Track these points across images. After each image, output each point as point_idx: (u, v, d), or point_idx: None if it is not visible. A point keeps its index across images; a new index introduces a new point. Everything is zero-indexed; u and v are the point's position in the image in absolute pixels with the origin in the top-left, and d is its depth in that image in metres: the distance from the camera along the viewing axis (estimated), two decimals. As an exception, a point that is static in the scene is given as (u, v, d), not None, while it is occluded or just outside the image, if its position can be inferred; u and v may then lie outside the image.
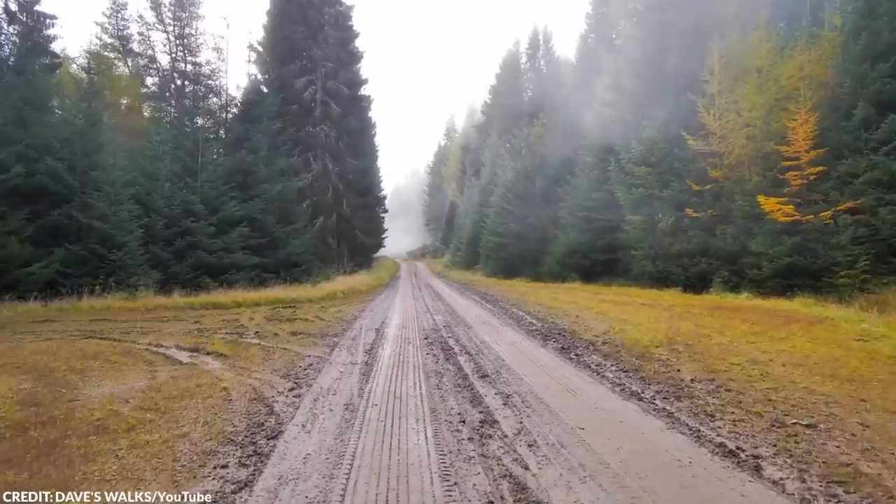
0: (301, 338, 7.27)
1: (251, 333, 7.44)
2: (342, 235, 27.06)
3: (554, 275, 22.41)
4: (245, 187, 19.50)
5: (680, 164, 17.38)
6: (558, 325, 8.24)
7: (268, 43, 27.05)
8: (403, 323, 9.03)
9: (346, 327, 8.51)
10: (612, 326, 7.87)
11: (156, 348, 6.18)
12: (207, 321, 8.98)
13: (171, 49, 25.56)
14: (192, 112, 19.30)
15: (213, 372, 4.94)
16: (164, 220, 15.99)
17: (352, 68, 28.70)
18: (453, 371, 5.36)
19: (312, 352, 6.29)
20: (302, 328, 8.16)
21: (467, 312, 10.36)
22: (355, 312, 10.59)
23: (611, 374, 5.11)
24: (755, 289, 13.83)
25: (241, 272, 17.15)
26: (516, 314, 9.96)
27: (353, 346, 6.72)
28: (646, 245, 17.66)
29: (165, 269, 15.66)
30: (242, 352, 6.12)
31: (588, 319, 8.82)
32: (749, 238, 14.60)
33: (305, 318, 9.51)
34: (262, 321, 8.95)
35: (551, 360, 5.82)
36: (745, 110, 16.18)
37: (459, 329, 8.22)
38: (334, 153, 26.44)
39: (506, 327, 8.46)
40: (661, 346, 6.11)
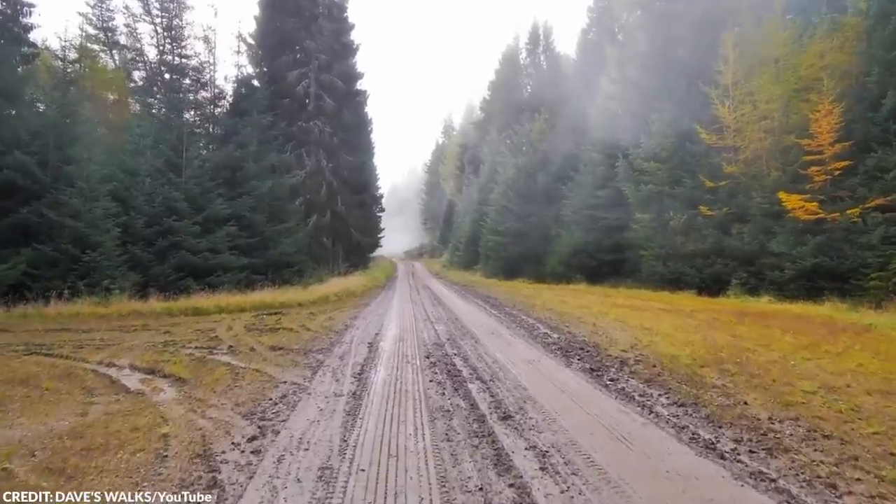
0: (280, 354, 6.26)
1: (224, 348, 6.47)
2: (337, 234, 26.05)
3: (557, 275, 21.49)
4: (233, 184, 18.49)
5: (692, 160, 16.49)
6: (576, 336, 7.28)
7: (259, 35, 25.99)
8: (400, 335, 7.92)
9: (335, 340, 7.45)
10: (637, 338, 6.94)
11: (106, 368, 5.22)
12: (180, 331, 8.01)
13: (159, 41, 24.53)
14: (177, 105, 18.25)
15: (161, 406, 3.97)
16: (145, 218, 14.95)
17: (347, 61, 27.68)
18: (465, 408, 4.19)
19: (290, 375, 5.23)
20: (284, 341, 7.16)
21: (471, 320, 9.41)
22: (347, 320, 9.62)
23: (663, 409, 4.09)
24: (776, 292, 12.96)
25: (228, 274, 16.14)
26: (526, 322, 9.00)
27: (340, 369, 5.63)
28: (656, 245, 16.76)
29: (145, 271, 14.64)
30: (206, 375, 5.12)
31: (607, 328, 7.89)
32: (768, 237, 13.72)
33: (290, 327, 8.52)
34: (240, 331, 7.97)
35: (583, 388, 4.75)
36: (761, 102, 15.31)
37: (465, 343, 7.15)
38: (328, 149, 25.42)
39: (517, 339, 7.47)
40: (707, 365, 5.18)
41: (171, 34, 23.44)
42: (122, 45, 25.88)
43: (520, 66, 43.67)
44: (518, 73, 43.27)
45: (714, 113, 16.15)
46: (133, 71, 26.16)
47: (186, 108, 18.63)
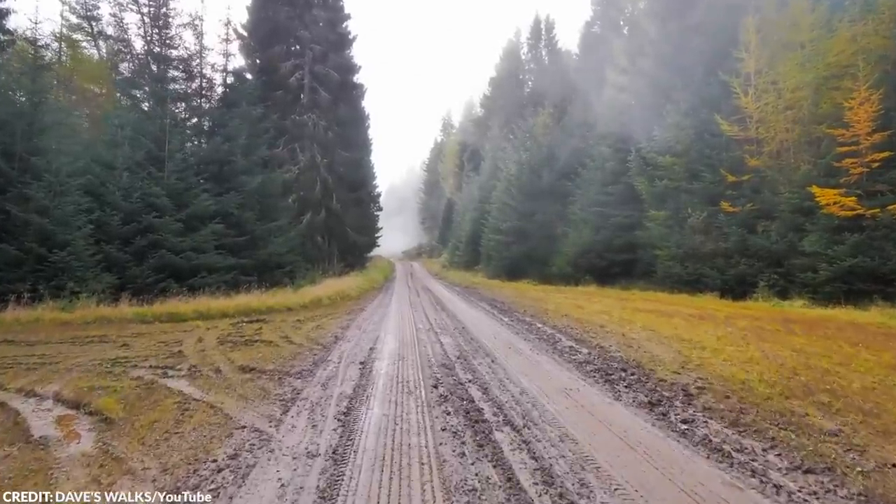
0: (250, 379, 5.05)
1: (185, 367, 5.32)
2: (332, 234, 24.87)
3: (565, 276, 20.39)
4: (220, 179, 17.33)
5: (711, 153, 15.41)
6: (608, 350, 6.15)
7: (251, 25, 24.81)
8: (400, 350, 6.63)
9: (321, 358, 6.15)
10: (682, 353, 5.84)
11: (21, 399, 4.05)
12: (141, 344, 6.85)
13: (146, 32, 23.37)
14: (160, 94, 17.05)
15: (59, 469, 2.83)
16: (121, 214, 13.76)
17: (342, 53, 26.49)
18: (499, 483, 2.83)
19: (253, 415, 3.95)
20: (259, 359, 5.95)
21: (481, 329, 8.25)
22: (338, 330, 8.43)
23: (787, 480, 2.81)
24: (809, 295, 11.89)
25: (213, 275, 14.97)
26: (543, 331, 7.87)
27: (321, 404, 4.30)
28: (672, 244, 15.66)
29: (121, 272, 13.44)
30: (144, 412, 3.94)
31: (640, 340, 6.78)
32: (799, 235, 12.65)
33: (270, 339, 7.27)
34: (211, 344, 6.81)
35: (653, 438, 3.46)
36: (787, 90, 14.25)
37: (480, 362, 5.83)
38: (323, 144, 24.24)
39: (540, 355, 6.20)
40: (793, 394, 4.08)
41: (158, 23, 22.30)
42: (109, 36, 24.78)
43: (521, 60, 42.71)
44: (519, 69, 42.28)
45: (734, 103, 15.09)
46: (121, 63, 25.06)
47: (171, 98, 17.41)
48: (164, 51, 20.15)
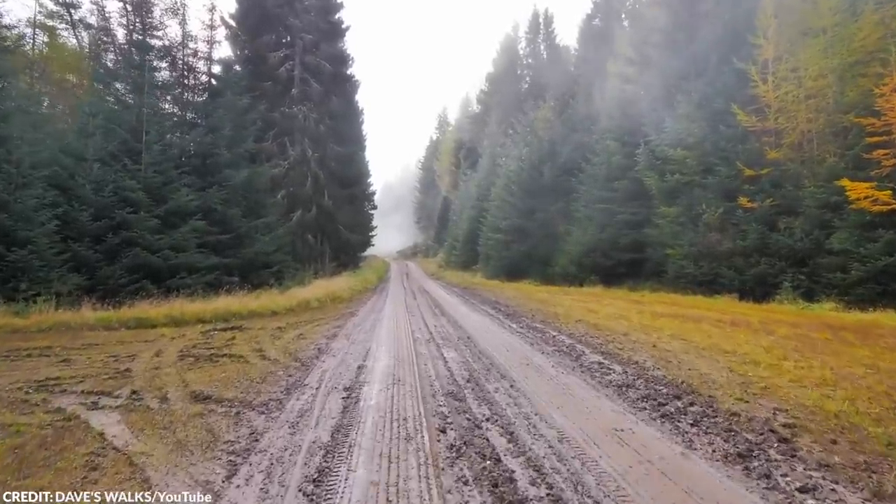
0: (199, 413, 3.88)
1: (124, 395, 4.20)
2: (324, 232, 23.77)
3: (568, 277, 19.43)
4: (203, 173, 16.22)
5: (727, 145, 14.49)
6: (646, 368, 5.09)
7: (239, 14, 23.65)
8: (394, 370, 5.36)
9: (297, 380, 4.99)
10: (735, 371, 4.88)
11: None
12: (86, 358, 5.78)
13: (129, 20, 22.22)
14: (137, 82, 15.89)
15: None
16: (91, 209, 12.65)
17: (335, 43, 25.38)
18: None
19: (182, 480, 2.77)
20: (219, 381, 4.83)
21: (489, 339, 7.21)
22: (323, 340, 7.36)
23: None
24: (838, 297, 10.97)
25: (193, 276, 13.87)
26: (561, 341, 6.85)
27: (285, 460, 3.05)
28: (685, 242, 14.73)
29: (92, 273, 12.34)
30: (33, 472, 2.83)
31: (677, 353, 5.81)
32: (825, 233, 11.75)
33: (240, 353, 6.14)
34: (170, 359, 5.74)
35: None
36: (808, 78, 13.35)
37: (496, 387, 4.61)
38: (315, 137, 23.13)
39: (567, 375, 5.04)
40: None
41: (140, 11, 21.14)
42: (90, 25, 23.64)
43: (519, 55, 41.81)
44: (518, 63, 41.36)
45: (751, 92, 14.19)
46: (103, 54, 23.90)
47: (150, 86, 16.25)
48: (145, 37, 19.02)
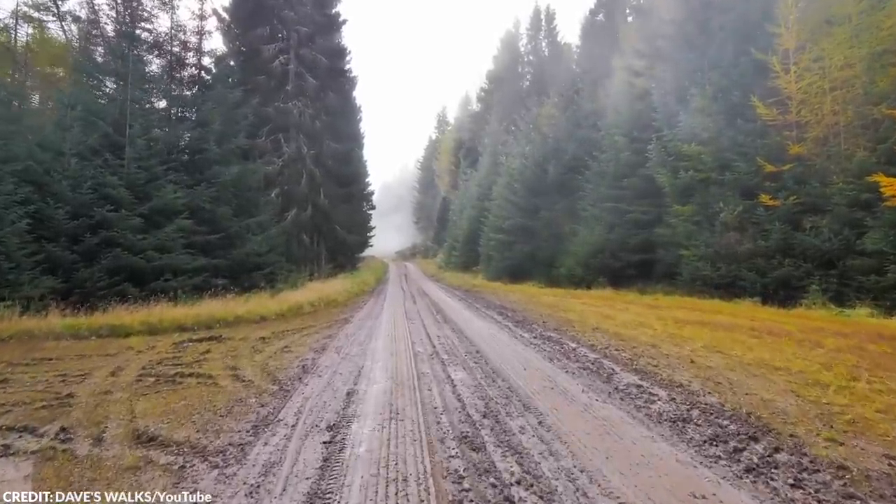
0: (133, 466, 2.98)
1: (51, 433, 3.31)
2: (320, 232, 22.93)
3: (574, 279, 18.61)
4: (191, 169, 15.37)
5: (745, 139, 13.69)
6: (695, 393, 4.13)
7: (232, 6, 22.81)
8: (392, 399, 4.33)
9: (270, 412, 4.03)
10: (804, 397, 4.06)
11: None
12: (27, 378, 4.92)
13: (118, 13, 21.40)
14: (121, 73, 15.02)
15: None
16: (68, 207, 11.79)
17: (331, 36, 24.57)
18: None
19: None
20: (175, 413, 3.94)
21: (501, 353, 6.19)
22: (310, 355, 6.37)
23: None
24: (872, 301, 10.17)
25: (179, 278, 13.01)
26: (583, 355, 5.99)
27: None
28: (701, 242, 13.92)
29: (68, 275, 11.49)
30: None
31: (722, 371, 4.99)
32: (856, 232, 10.94)
33: (211, 372, 5.26)
34: (128, 379, 4.87)
35: None
36: (832, 69, 12.56)
37: (521, 425, 3.63)
38: (310, 134, 22.29)
39: (606, 405, 4.06)
40: None
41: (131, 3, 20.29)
42: (79, 18, 22.86)
43: (520, 52, 41.08)
44: (519, 61, 40.61)
45: (771, 84, 13.39)
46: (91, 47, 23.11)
47: (135, 78, 15.38)
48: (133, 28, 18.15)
